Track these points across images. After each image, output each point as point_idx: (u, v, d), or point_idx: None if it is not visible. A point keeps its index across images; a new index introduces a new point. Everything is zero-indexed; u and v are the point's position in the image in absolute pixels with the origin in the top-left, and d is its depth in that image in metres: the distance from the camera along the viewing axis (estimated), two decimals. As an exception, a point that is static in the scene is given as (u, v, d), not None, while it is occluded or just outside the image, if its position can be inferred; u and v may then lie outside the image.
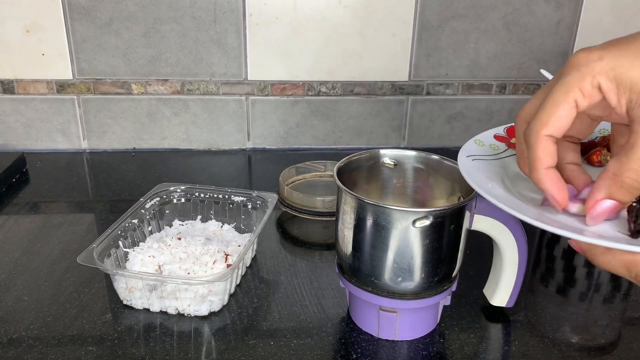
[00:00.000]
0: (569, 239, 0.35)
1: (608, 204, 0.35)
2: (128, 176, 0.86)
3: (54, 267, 0.62)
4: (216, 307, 0.55)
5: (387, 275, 0.48)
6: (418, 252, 0.47)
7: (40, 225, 0.71)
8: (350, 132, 0.98)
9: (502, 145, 0.47)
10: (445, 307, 0.55)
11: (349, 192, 0.48)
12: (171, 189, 0.68)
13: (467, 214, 0.49)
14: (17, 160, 0.86)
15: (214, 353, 0.50)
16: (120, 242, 0.59)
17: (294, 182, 0.79)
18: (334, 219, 0.53)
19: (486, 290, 0.56)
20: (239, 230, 0.67)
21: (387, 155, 0.55)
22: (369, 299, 0.50)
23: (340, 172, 0.51)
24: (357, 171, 0.54)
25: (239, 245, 0.62)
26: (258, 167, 0.93)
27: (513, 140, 0.47)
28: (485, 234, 0.51)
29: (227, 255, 0.58)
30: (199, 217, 0.68)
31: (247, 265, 0.63)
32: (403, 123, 0.98)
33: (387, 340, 0.52)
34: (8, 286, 0.59)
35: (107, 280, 0.59)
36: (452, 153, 0.51)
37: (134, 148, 0.96)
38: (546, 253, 0.69)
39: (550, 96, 0.35)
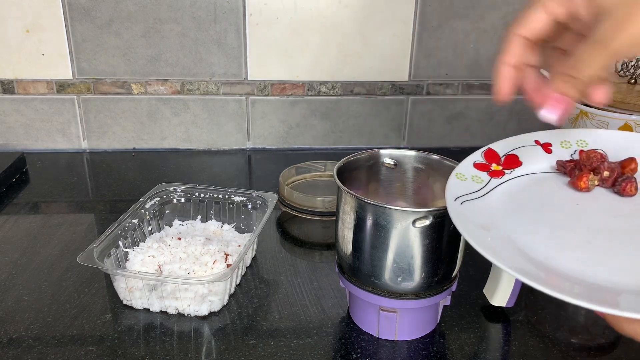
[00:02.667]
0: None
1: (562, 99, 0.38)
2: (128, 176, 0.86)
3: (54, 267, 0.62)
4: (216, 307, 0.55)
5: (387, 275, 0.48)
6: (418, 252, 0.47)
7: (40, 225, 0.71)
8: (350, 132, 0.98)
9: (484, 176, 0.45)
10: (445, 307, 0.55)
11: (349, 192, 0.48)
12: (171, 189, 0.68)
13: (467, 214, 0.48)
14: (17, 160, 0.86)
15: (214, 353, 0.50)
16: (120, 242, 0.59)
17: (294, 182, 0.79)
18: (334, 219, 0.53)
19: (486, 290, 0.56)
20: (239, 230, 0.67)
21: (387, 155, 0.55)
22: (369, 299, 0.50)
23: (340, 172, 0.51)
24: (357, 171, 0.54)
25: (239, 245, 0.62)
26: (258, 167, 0.93)
27: (494, 167, 0.46)
28: (485, 234, 0.51)
29: (227, 255, 0.58)
30: (199, 217, 0.68)
31: (247, 265, 0.63)
32: (403, 123, 0.98)
33: (387, 340, 0.52)
34: (8, 286, 0.59)
35: (107, 280, 0.59)
36: (452, 153, 0.51)
37: (134, 148, 0.96)
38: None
39: (531, 1, 0.39)
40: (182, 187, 0.68)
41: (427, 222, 0.45)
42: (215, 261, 0.57)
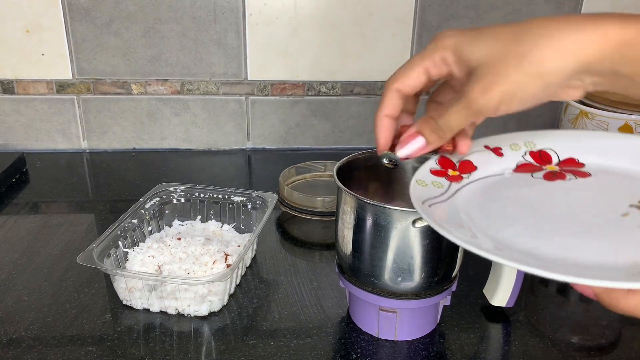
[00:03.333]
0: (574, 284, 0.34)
1: (419, 139, 0.42)
2: (128, 176, 0.86)
3: (54, 267, 0.62)
4: (216, 307, 0.55)
5: (387, 275, 0.48)
6: (418, 252, 0.47)
7: (40, 225, 0.71)
8: (350, 132, 0.98)
9: (443, 181, 0.45)
10: (445, 307, 0.55)
11: (349, 192, 0.48)
12: (171, 189, 0.68)
13: (467, 214, 0.48)
14: (17, 160, 0.86)
15: (214, 353, 0.50)
16: (120, 242, 0.59)
17: (294, 182, 0.79)
18: (334, 219, 0.53)
19: (486, 290, 0.56)
20: (239, 230, 0.67)
21: (387, 156, 0.55)
22: (369, 299, 0.50)
23: (340, 172, 0.51)
24: (357, 171, 0.54)
25: (239, 245, 0.62)
26: (258, 167, 0.93)
27: (450, 172, 0.46)
28: (485, 234, 0.51)
29: (227, 255, 0.58)
30: (199, 217, 0.68)
31: (247, 265, 0.63)
32: (403, 123, 0.98)
33: (387, 341, 0.52)
34: (8, 286, 0.59)
35: (107, 280, 0.59)
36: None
37: (134, 148, 0.96)
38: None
39: (409, 59, 0.42)
40: (182, 187, 0.68)
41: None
42: (215, 261, 0.57)
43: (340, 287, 0.55)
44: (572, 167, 0.47)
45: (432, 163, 0.47)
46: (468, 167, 0.47)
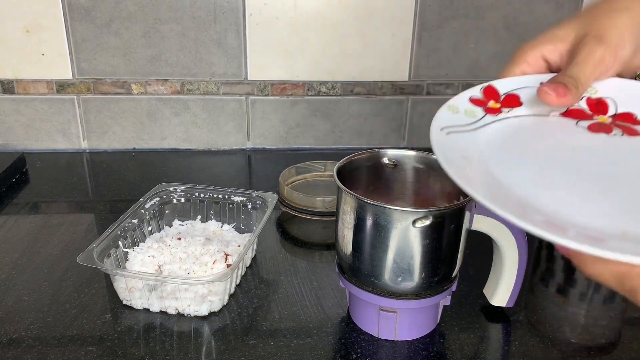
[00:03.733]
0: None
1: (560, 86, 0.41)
2: (128, 176, 0.86)
3: (54, 267, 0.62)
4: (216, 307, 0.55)
5: (387, 275, 0.48)
6: (418, 252, 0.47)
7: (40, 225, 0.71)
8: (350, 132, 0.98)
9: (479, 111, 0.42)
10: (445, 307, 0.55)
11: (349, 192, 0.48)
12: (171, 189, 0.68)
13: (467, 214, 0.49)
14: (17, 160, 0.86)
15: (214, 353, 0.50)
16: (120, 242, 0.59)
17: (294, 182, 0.79)
18: (334, 219, 0.53)
19: (486, 290, 0.56)
20: (239, 230, 0.67)
21: (387, 155, 0.55)
22: (369, 299, 0.50)
23: (340, 172, 0.51)
24: (357, 171, 0.54)
25: (239, 245, 0.62)
26: (258, 167, 0.93)
27: (491, 104, 0.43)
28: (485, 234, 0.51)
29: (227, 255, 0.58)
30: (199, 217, 0.68)
31: (247, 265, 0.63)
32: (403, 123, 0.98)
33: (387, 340, 0.52)
34: (8, 286, 0.59)
35: (107, 280, 0.59)
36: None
37: (134, 148, 0.96)
38: (546, 253, 0.69)
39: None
40: (182, 187, 0.68)
41: (427, 222, 0.45)
42: (215, 261, 0.57)
43: (340, 287, 0.55)
44: (625, 123, 0.43)
45: (476, 91, 0.44)
46: (513, 101, 0.44)
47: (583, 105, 0.44)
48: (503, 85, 0.44)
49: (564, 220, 0.32)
